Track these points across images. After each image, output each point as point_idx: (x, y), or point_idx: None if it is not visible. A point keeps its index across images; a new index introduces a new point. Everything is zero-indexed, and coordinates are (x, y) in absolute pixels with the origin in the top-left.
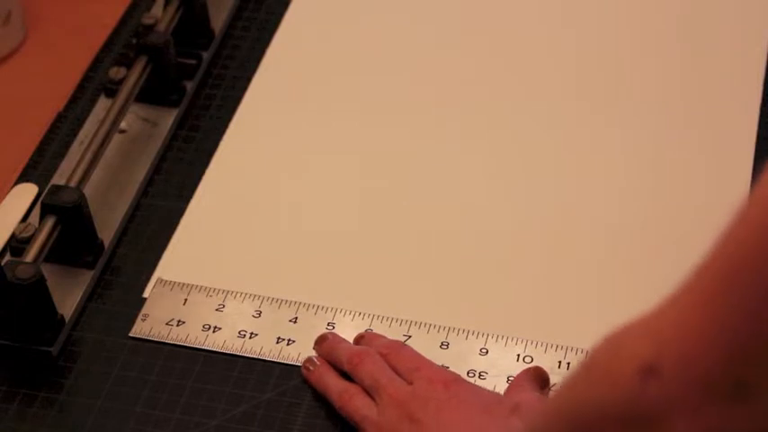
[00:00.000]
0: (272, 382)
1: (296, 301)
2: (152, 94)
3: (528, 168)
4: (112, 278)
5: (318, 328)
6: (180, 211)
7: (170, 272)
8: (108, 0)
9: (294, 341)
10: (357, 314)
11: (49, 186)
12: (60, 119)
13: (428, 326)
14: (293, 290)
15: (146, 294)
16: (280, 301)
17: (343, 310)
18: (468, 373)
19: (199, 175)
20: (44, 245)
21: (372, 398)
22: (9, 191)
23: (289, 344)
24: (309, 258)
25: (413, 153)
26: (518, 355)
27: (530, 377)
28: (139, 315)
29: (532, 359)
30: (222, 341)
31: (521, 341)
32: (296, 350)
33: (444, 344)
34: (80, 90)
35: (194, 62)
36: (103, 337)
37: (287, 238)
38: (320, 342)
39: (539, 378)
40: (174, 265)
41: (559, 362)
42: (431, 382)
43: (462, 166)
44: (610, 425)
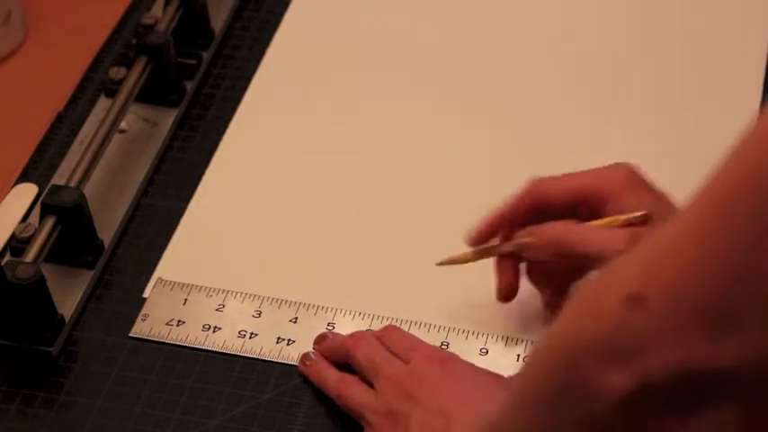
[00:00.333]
0: (272, 382)
1: (296, 301)
2: (152, 94)
3: (528, 168)
4: (112, 278)
5: (318, 328)
6: (180, 211)
7: (170, 272)
8: (108, 0)
9: (294, 341)
10: (357, 314)
11: (49, 186)
12: (60, 119)
13: (428, 326)
14: (293, 290)
15: (146, 294)
16: (280, 301)
17: (343, 310)
18: None
19: (199, 175)
20: (44, 245)
21: (370, 382)
22: (9, 191)
23: (289, 344)
24: (309, 258)
25: (413, 153)
26: (518, 356)
27: None
28: (139, 315)
29: None
30: (222, 341)
31: (521, 341)
32: (296, 350)
33: (444, 344)
34: (80, 90)
35: (194, 62)
36: (103, 337)
37: (287, 238)
38: (320, 341)
39: None
40: (174, 265)
41: None
42: (427, 361)
43: (462, 166)
44: (593, 358)
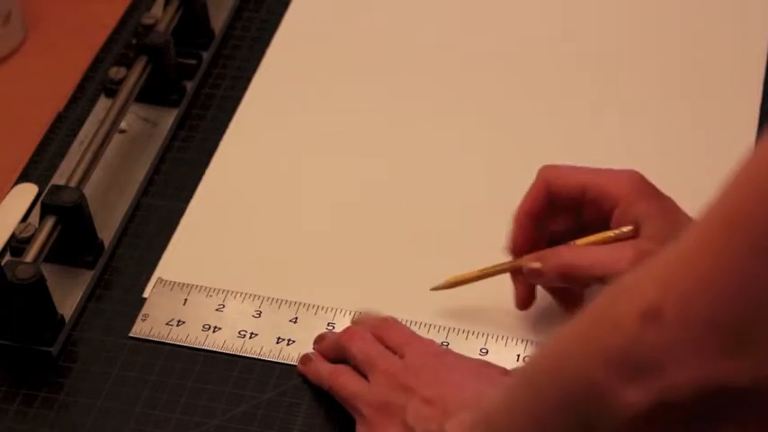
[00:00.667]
0: (272, 382)
1: (296, 301)
2: (152, 94)
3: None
4: (112, 278)
5: (318, 328)
6: (180, 211)
7: (170, 272)
8: (108, 0)
9: (294, 341)
10: (357, 314)
11: (49, 186)
12: (60, 119)
13: (428, 326)
14: (293, 290)
15: (146, 294)
16: (280, 301)
17: (343, 310)
18: None
19: (199, 175)
20: (44, 245)
21: (364, 375)
22: (9, 191)
23: (289, 344)
24: (309, 258)
25: (413, 153)
26: (518, 356)
27: None
28: (139, 315)
29: None
30: (222, 341)
31: (521, 341)
32: (296, 350)
33: (444, 344)
34: (80, 90)
35: (194, 62)
36: (103, 337)
37: (287, 238)
38: (319, 341)
39: None
40: (174, 265)
41: None
42: (422, 354)
43: (462, 166)
44: (612, 372)
